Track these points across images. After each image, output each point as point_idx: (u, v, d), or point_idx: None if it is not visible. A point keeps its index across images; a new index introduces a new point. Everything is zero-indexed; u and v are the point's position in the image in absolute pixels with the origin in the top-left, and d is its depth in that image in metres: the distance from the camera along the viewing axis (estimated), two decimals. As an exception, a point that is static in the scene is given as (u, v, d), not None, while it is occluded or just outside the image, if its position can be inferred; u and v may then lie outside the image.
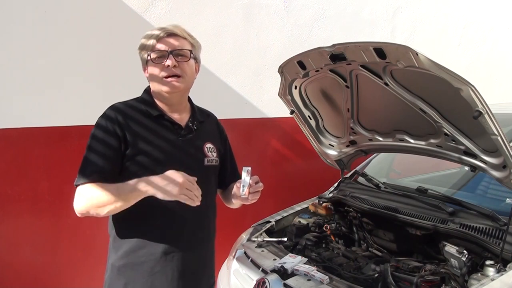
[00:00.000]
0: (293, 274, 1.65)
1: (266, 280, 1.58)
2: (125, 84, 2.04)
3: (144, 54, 1.39)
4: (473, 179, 2.25)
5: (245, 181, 1.35)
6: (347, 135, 2.18)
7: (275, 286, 1.57)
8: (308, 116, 2.18)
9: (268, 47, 3.11)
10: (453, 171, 2.49)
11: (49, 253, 2.50)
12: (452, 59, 4.02)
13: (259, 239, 2.04)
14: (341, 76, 1.85)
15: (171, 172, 1.23)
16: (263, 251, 1.93)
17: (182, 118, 1.46)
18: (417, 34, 3.83)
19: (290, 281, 1.60)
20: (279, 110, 2.78)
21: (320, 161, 2.39)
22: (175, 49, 1.36)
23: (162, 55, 1.35)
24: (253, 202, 1.42)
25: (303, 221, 2.26)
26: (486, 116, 1.41)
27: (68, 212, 2.39)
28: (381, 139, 2.07)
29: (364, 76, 1.75)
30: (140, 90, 1.48)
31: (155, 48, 1.35)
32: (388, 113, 1.93)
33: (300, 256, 1.77)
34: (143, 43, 1.38)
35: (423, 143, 1.90)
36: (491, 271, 1.51)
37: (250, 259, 1.88)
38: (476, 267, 1.62)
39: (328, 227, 2.17)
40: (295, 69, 1.87)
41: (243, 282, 1.80)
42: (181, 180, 1.21)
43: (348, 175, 2.50)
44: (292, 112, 2.15)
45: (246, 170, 1.36)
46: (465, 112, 1.47)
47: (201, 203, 1.47)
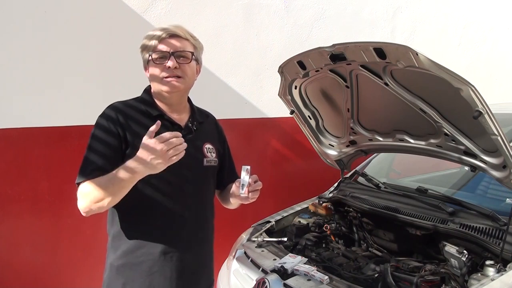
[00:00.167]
0: (293, 274, 1.65)
1: (266, 280, 1.58)
2: (125, 84, 2.04)
3: (146, 54, 1.39)
4: (473, 179, 2.25)
5: (244, 180, 1.35)
6: (347, 135, 2.18)
7: (275, 286, 1.57)
8: (308, 116, 2.18)
9: (268, 47, 3.11)
10: (453, 171, 2.49)
11: (49, 253, 2.50)
12: (452, 59, 4.02)
13: (259, 239, 2.04)
14: (341, 76, 1.85)
15: (146, 144, 1.17)
16: (263, 251, 1.93)
17: (181, 119, 1.46)
18: (417, 34, 3.83)
19: (290, 281, 1.60)
20: (279, 110, 2.78)
21: (320, 161, 2.39)
22: (176, 50, 1.36)
23: (163, 56, 1.35)
24: (252, 201, 1.42)
25: (303, 221, 2.26)
26: (486, 116, 1.41)
27: (68, 212, 2.42)
28: (381, 139, 2.07)
29: (364, 76, 1.75)
30: (140, 90, 1.48)
31: (157, 49, 1.35)
32: (388, 113, 1.93)
33: (300, 256, 1.77)
34: (145, 43, 1.38)
35: (423, 143, 1.90)
36: (491, 271, 1.51)
37: (250, 259, 1.88)
38: (476, 267, 1.62)
39: (328, 227, 2.17)
40: (295, 69, 1.87)
41: (243, 282, 1.80)
42: (159, 147, 1.15)
43: (348, 175, 2.50)
44: (292, 112, 2.15)
45: (246, 169, 1.36)
46: (465, 112, 1.47)
47: (199, 203, 1.48)
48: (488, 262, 1.55)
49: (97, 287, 1.46)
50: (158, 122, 1.21)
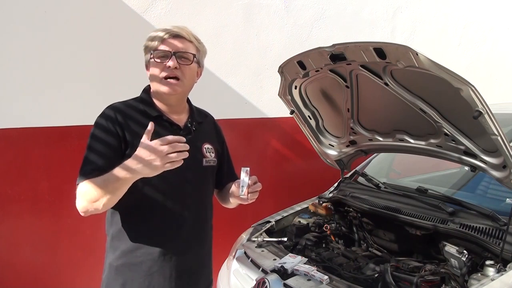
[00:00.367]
0: (293, 274, 1.65)
1: (266, 280, 1.59)
2: (125, 84, 2.04)
3: (147, 54, 1.39)
4: (473, 179, 2.25)
5: (244, 181, 1.36)
6: (347, 135, 2.18)
7: (275, 286, 1.57)
8: (308, 116, 2.18)
9: (268, 47, 3.11)
10: (453, 171, 2.49)
11: (49, 253, 2.50)
12: (452, 59, 4.02)
13: (259, 239, 2.04)
14: (341, 76, 1.85)
15: (146, 144, 1.14)
16: (263, 251, 1.93)
17: (180, 119, 1.46)
18: (417, 34, 3.83)
19: (290, 281, 1.60)
20: (279, 110, 2.78)
21: (320, 161, 2.39)
22: (178, 51, 1.35)
23: (164, 55, 1.35)
24: (251, 201, 1.42)
25: (303, 221, 2.26)
26: (486, 116, 1.41)
27: (68, 212, 2.41)
28: (381, 139, 2.07)
29: (364, 76, 1.75)
30: (140, 90, 1.48)
31: (158, 49, 1.35)
32: (388, 113, 1.93)
33: (300, 256, 1.77)
34: (147, 44, 1.38)
35: (423, 143, 1.90)
36: (491, 271, 1.51)
37: (250, 259, 1.88)
38: (476, 267, 1.62)
39: (328, 227, 2.17)
40: (295, 69, 1.87)
41: (243, 282, 1.80)
42: (161, 148, 1.12)
43: (348, 175, 2.50)
44: (292, 112, 2.15)
45: (245, 170, 1.36)
46: (465, 112, 1.47)
47: (199, 203, 1.48)
48: (488, 262, 1.55)
49: (97, 287, 1.46)
50: (151, 122, 1.19)
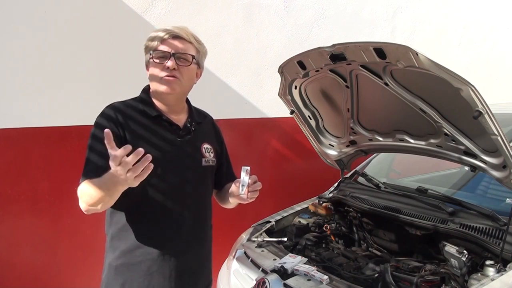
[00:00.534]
0: (293, 274, 1.65)
1: (266, 280, 1.59)
2: (125, 84, 2.03)
3: (147, 54, 1.39)
4: (473, 179, 2.25)
5: (244, 180, 1.36)
6: (347, 135, 2.18)
7: (275, 286, 1.57)
8: (308, 116, 2.18)
9: (268, 47, 3.11)
10: (453, 171, 2.49)
11: (49, 253, 2.50)
12: (452, 59, 4.02)
13: (259, 239, 2.04)
14: (341, 76, 1.85)
15: (113, 157, 1.06)
16: (263, 251, 1.93)
17: (180, 119, 1.46)
18: (417, 34, 3.83)
19: (290, 281, 1.60)
20: (279, 110, 2.78)
21: (320, 161, 2.39)
22: (177, 51, 1.36)
23: (164, 56, 1.35)
24: (251, 201, 1.42)
25: (303, 221, 2.26)
26: (486, 116, 1.41)
27: (68, 212, 2.41)
28: (381, 139, 2.07)
29: (364, 76, 1.75)
30: (140, 90, 1.48)
31: (158, 49, 1.35)
32: (388, 113, 1.93)
33: (300, 256, 1.77)
34: (147, 44, 1.39)
35: (423, 143, 1.90)
36: (491, 271, 1.51)
37: (250, 259, 1.88)
38: (476, 267, 1.62)
39: (328, 227, 2.17)
40: (295, 69, 1.87)
41: (243, 282, 1.80)
42: (115, 164, 1.05)
43: (348, 175, 2.50)
44: (292, 112, 2.15)
45: (245, 170, 1.36)
46: (465, 112, 1.47)
47: (198, 203, 1.48)
48: (488, 262, 1.55)
49: (97, 287, 1.46)
50: (107, 130, 1.09)
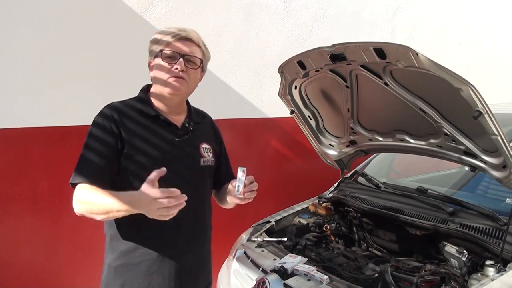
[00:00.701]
0: (293, 274, 1.65)
1: (266, 280, 1.59)
2: (125, 84, 2.03)
3: (156, 47, 1.38)
4: (473, 179, 2.25)
5: (240, 180, 1.36)
6: (347, 135, 2.18)
7: (275, 286, 1.57)
8: (308, 116, 2.18)
9: (268, 47, 3.11)
10: (453, 171, 2.49)
11: (49, 253, 2.50)
12: (452, 59, 4.02)
13: (259, 239, 2.04)
14: (341, 76, 1.85)
15: (145, 190, 1.15)
16: (263, 251, 1.93)
17: (178, 119, 1.46)
18: (417, 34, 3.83)
19: (290, 281, 1.60)
20: (279, 110, 2.78)
21: (320, 161, 2.39)
22: (186, 54, 1.36)
23: (173, 56, 1.35)
24: (248, 201, 1.42)
25: (303, 221, 2.26)
26: (486, 116, 1.41)
27: (68, 212, 2.38)
28: (381, 139, 2.07)
29: (364, 76, 1.75)
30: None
31: (169, 46, 1.35)
32: (388, 113, 1.93)
33: (300, 256, 1.77)
34: (158, 38, 1.38)
35: (423, 143, 1.90)
36: (491, 271, 1.51)
37: (250, 259, 1.88)
38: (476, 267, 1.62)
39: (328, 227, 2.17)
40: (295, 69, 1.87)
41: (243, 282, 1.80)
42: (150, 201, 1.14)
43: (348, 175, 2.50)
44: (292, 112, 2.15)
45: (242, 170, 1.37)
46: (465, 112, 1.47)
47: (197, 203, 1.48)
48: (488, 262, 1.55)
49: (97, 287, 1.46)
50: (163, 169, 1.18)
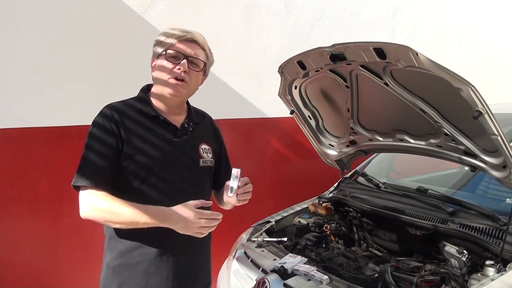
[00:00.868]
0: (293, 274, 1.65)
1: (266, 280, 1.58)
2: (125, 84, 2.03)
3: (159, 48, 1.38)
4: (473, 179, 2.25)
5: (234, 181, 1.37)
6: (347, 135, 2.18)
7: (275, 286, 1.57)
8: (308, 116, 2.18)
9: (268, 47, 3.11)
10: (453, 171, 2.49)
11: (49, 253, 2.50)
12: (452, 59, 4.02)
13: (259, 239, 2.04)
14: (341, 76, 1.85)
15: (183, 210, 1.27)
16: (263, 251, 1.93)
17: (178, 119, 1.46)
18: (417, 34, 3.83)
19: (290, 281, 1.60)
20: (279, 110, 2.78)
21: (320, 161, 2.39)
22: (191, 55, 1.37)
23: (177, 56, 1.36)
24: (243, 203, 1.41)
25: (303, 221, 2.26)
26: (486, 116, 1.41)
27: (68, 212, 2.41)
28: (381, 139, 2.07)
29: (364, 76, 1.75)
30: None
31: (174, 47, 1.35)
32: (388, 113, 1.93)
33: (300, 256, 1.77)
34: (162, 39, 1.38)
35: (423, 143, 1.90)
36: (491, 271, 1.51)
37: (250, 259, 1.88)
38: (476, 267, 1.62)
39: (328, 227, 2.17)
40: (295, 69, 1.87)
41: (243, 282, 1.80)
42: (192, 219, 1.27)
43: (348, 175, 2.50)
44: (292, 112, 2.15)
45: (236, 171, 1.37)
46: (465, 112, 1.47)
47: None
48: (488, 262, 1.55)
49: (97, 287, 1.46)
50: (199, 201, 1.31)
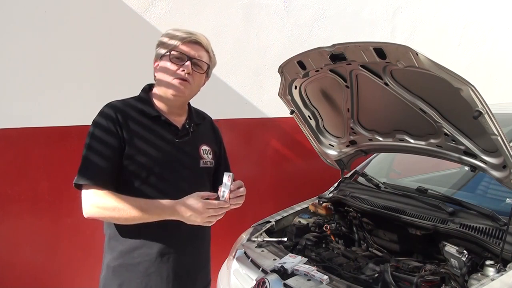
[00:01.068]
0: (293, 274, 1.65)
1: (266, 280, 1.58)
2: (125, 84, 2.03)
3: (162, 50, 1.38)
4: (473, 179, 2.25)
5: (226, 186, 1.36)
6: (347, 135, 2.18)
7: (275, 286, 1.57)
8: (308, 116, 2.18)
9: (268, 47, 3.11)
10: (453, 171, 2.49)
11: (49, 253, 2.50)
12: (452, 59, 4.02)
13: (259, 239, 2.04)
14: (341, 76, 1.85)
15: (192, 201, 1.29)
16: (263, 251, 1.93)
17: (179, 120, 1.46)
18: (417, 34, 3.83)
19: (290, 281, 1.60)
20: (279, 110, 2.78)
21: (320, 161, 2.39)
22: (194, 57, 1.37)
23: (181, 57, 1.36)
24: (236, 207, 1.40)
25: (303, 221, 2.26)
26: (486, 116, 1.41)
27: (68, 212, 2.41)
28: (381, 139, 2.07)
29: (364, 76, 1.75)
30: (140, 90, 1.48)
31: (178, 48, 1.35)
32: (388, 113, 1.93)
33: (300, 256, 1.77)
34: (165, 41, 1.38)
35: (423, 143, 1.90)
36: (491, 271, 1.51)
37: (250, 259, 1.88)
38: (476, 267, 1.62)
39: (328, 227, 2.17)
40: (295, 69, 1.87)
41: (243, 282, 1.80)
42: (201, 210, 1.28)
43: (348, 175, 2.50)
44: (292, 112, 2.15)
45: (228, 175, 1.36)
46: (465, 112, 1.47)
47: None
48: (488, 262, 1.55)
49: (97, 287, 1.46)
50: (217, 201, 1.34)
